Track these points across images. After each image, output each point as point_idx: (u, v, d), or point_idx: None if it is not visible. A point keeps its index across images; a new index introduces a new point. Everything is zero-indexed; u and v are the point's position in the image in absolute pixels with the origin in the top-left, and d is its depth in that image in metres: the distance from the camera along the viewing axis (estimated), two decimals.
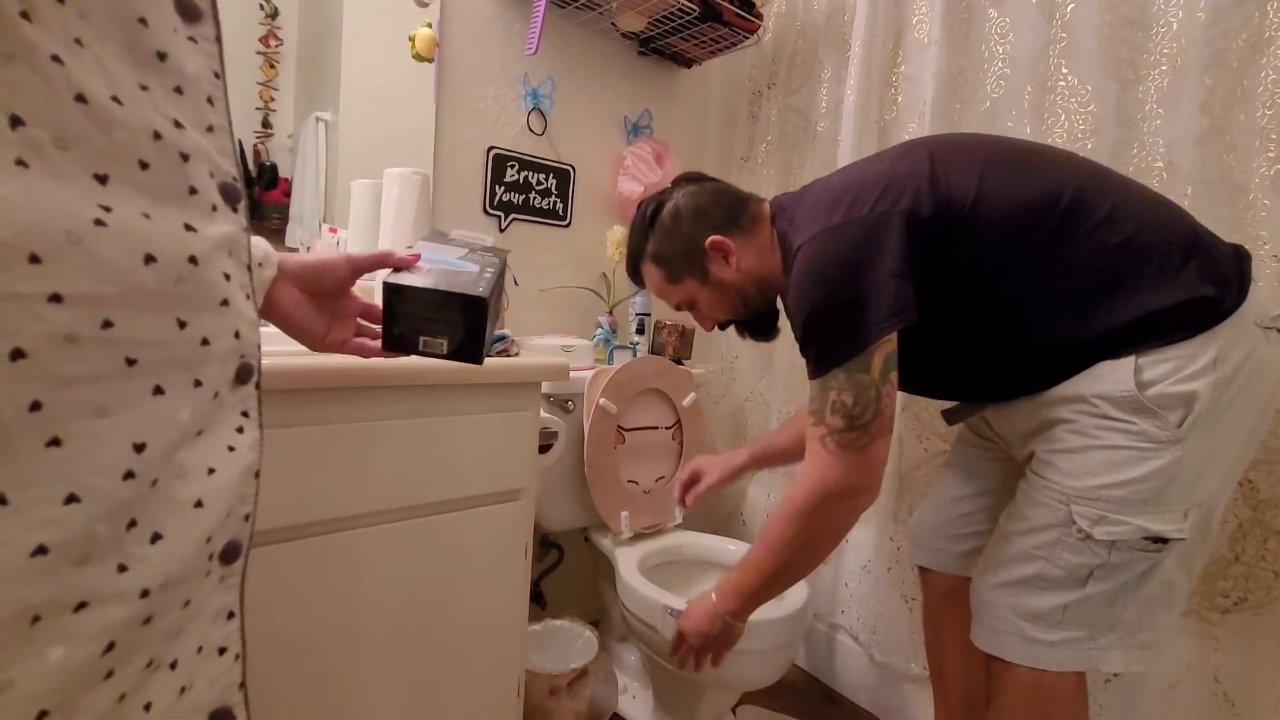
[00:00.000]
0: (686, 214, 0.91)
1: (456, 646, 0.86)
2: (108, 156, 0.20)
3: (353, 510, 0.75)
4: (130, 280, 0.20)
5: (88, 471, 0.19)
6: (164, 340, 0.21)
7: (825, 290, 0.73)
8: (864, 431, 0.72)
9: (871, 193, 0.75)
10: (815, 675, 1.53)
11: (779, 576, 0.83)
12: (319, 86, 1.16)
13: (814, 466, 0.76)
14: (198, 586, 0.23)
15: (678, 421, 1.43)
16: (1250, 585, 0.93)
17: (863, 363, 0.71)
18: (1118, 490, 0.69)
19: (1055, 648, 0.73)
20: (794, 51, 1.61)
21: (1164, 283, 0.69)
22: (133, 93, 0.21)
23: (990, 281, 0.75)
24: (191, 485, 0.22)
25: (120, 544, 0.20)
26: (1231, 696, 0.93)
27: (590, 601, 1.57)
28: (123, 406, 0.20)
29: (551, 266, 1.51)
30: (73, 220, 0.18)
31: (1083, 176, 0.74)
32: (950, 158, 0.77)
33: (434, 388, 0.80)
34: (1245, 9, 0.92)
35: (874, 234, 0.72)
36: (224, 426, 0.24)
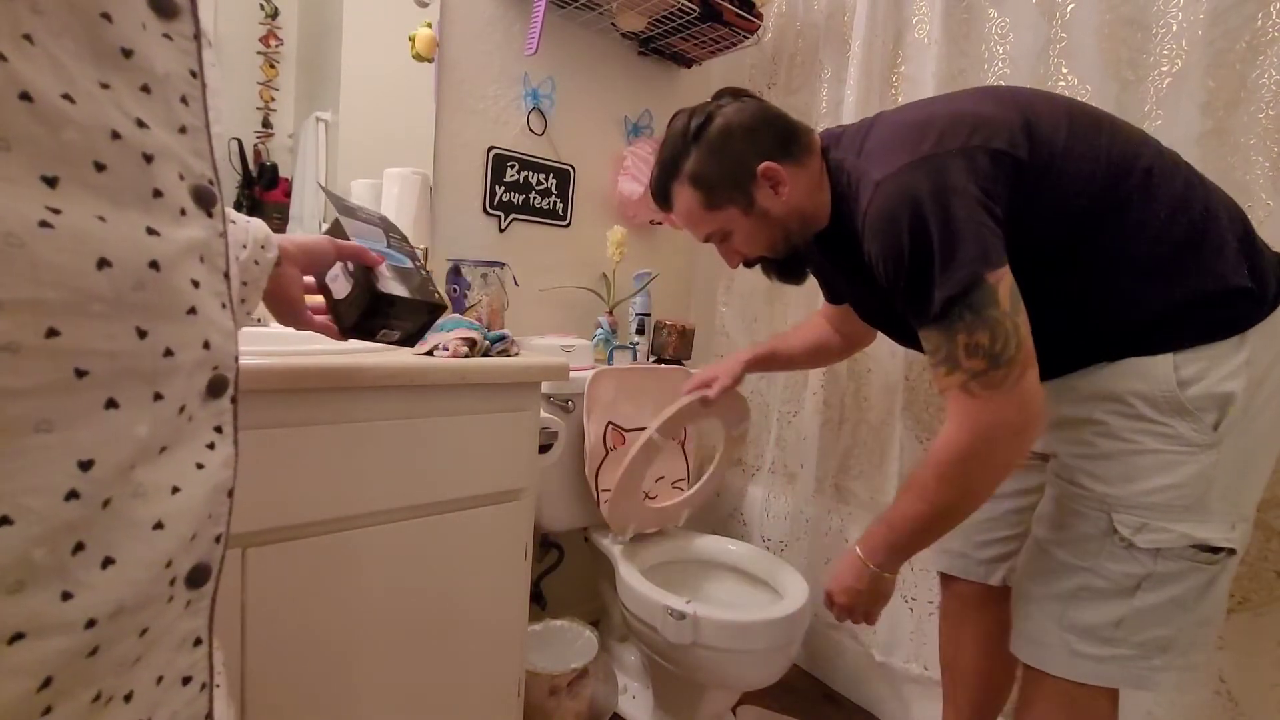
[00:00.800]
0: (739, 133, 0.80)
1: (456, 646, 0.86)
2: (56, 157, 0.19)
3: (353, 510, 0.75)
4: (80, 285, 0.19)
5: (23, 491, 0.18)
6: (119, 350, 0.20)
7: (927, 225, 0.65)
8: (1011, 366, 0.65)
9: (961, 128, 0.68)
10: (815, 675, 1.53)
11: (934, 526, 0.75)
12: (319, 86, 1.16)
13: (962, 418, 0.68)
14: (158, 613, 0.22)
15: None
16: (1253, 585, 0.93)
17: (989, 297, 0.64)
18: (1158, 496, 0.67)
19: (1103, 663, 0.70)
20: (794, 51, 1.61)
21: (1220, 265, 0.66)
22: (89, 90, 0.20)
23: (1069, 235, 0.69)
24: (151, 505, 0.21)
25: (64, 569, 0.19)
26: (1235, 696, 0.93)
27: (590, 601, 1.56)
28: (68, 421, 0.19)
29: (551, 266, 1.51)
30: (13, 222, 0.17)
31: (1156, 147, 0.71)
32: (1035, 104, 0.72)
33: (434, 388, 0.80)
34: (1246, 9, 0.92)
35: (972, 166, 0.66)
36: (192, 443, 0.23)
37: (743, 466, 1.74)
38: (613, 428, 1.31)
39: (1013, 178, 0.67)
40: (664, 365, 1.46)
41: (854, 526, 1.45)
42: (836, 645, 1.48)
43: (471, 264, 1.18)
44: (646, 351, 1.53)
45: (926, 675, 1.29)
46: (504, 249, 1.42)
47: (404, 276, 0.63)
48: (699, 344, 1.62)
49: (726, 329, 1.76)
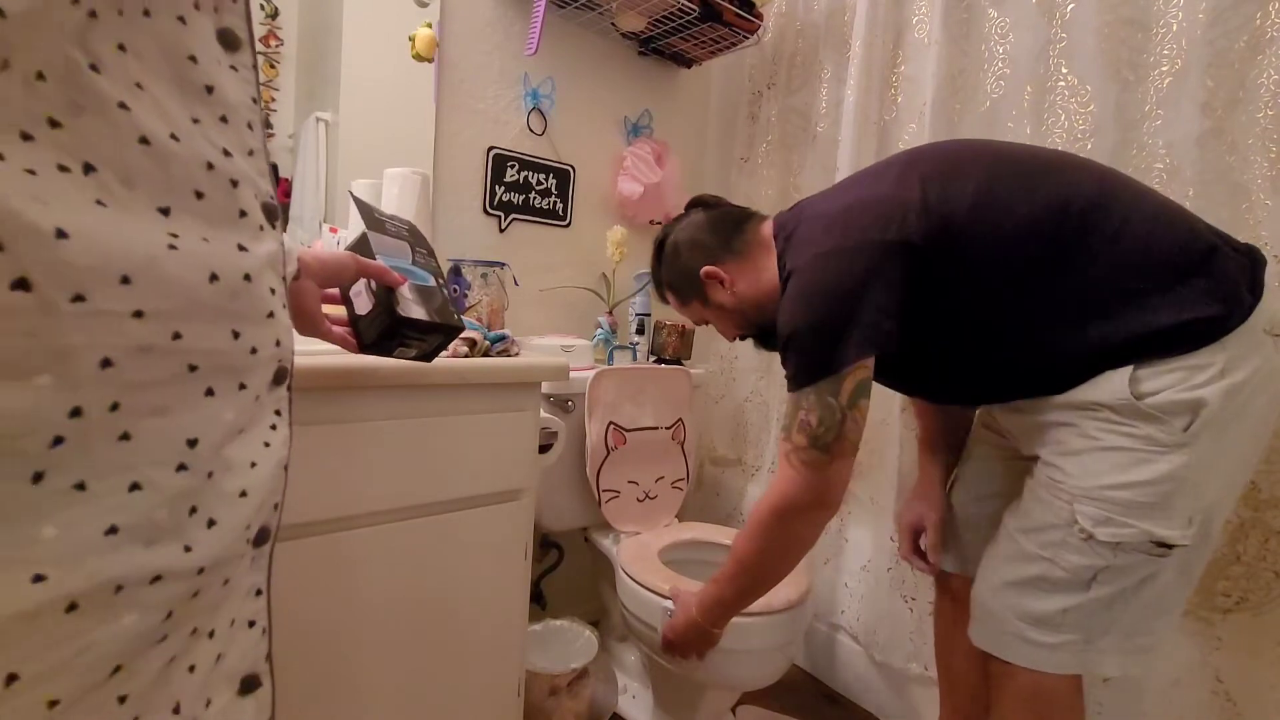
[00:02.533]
0: (684, 246, 0.98)
1: (456, 646, 0.86)
2: (167, 189, 0.22)
3: (352, 510, 0.75)
4: (195, 297, 0.22)
5: (146, 464, 0.21)
6: (219, 349, 0.24)
7: (808, 314, 0.77)
8: (824, 451, 0.75)
9: (863, 219, 0.77)
10: (815, 675, 1.53)
11: (749, 587, 0.89)
12: (319, 86, 1.16)
13: (779, 481, 0.80)
14: (236, 567, 0.26)
15: (678, 421, 1.43)
16: (1251, 585, 0.93)
17: (833, 387, 0.74)
18: (1123, 492, 0.68)
19: (1055, 650, 0.72)
20: (794, 51, 1.61)
21: (1167, 303, 0.68)
22: (187, 127, 0.23)
23: (990, 296, 0.76)
24: (237, 478, 0.25)
25: (182, 528, 0.23)
26: (1233, 696, 0.93)
27: (590, 601, 1.57)
28: (179, 408, 0.22)
29: (551, 267, 1.51)
30: (150, 247, 0.21)
31: (1092, 189, 0.73)
32: (948, 174, 0.77)
33: (434, 388, 0.80)
34: (1245, 9, 0.92)
35: (860, 263, 0.74)
36: (261, 424, 0.26)
37: (743, 466, 1.74)
38: (614, 428, 1.31)
39: (910, 259, 0.74)
40: (664, 365, 1.46)
41: (853, 526, 1.45)
42: (836, 645, 1.48)
43: (471, 264, 1.18)
44: (646, 351, 1.53)
45: (926, 675, 1.29)
46: (504, 249, 1.42)
47: (425, 296, 0.64)
48: (699, 344, 1.62)
49: None
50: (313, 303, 0.59)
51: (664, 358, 1.51)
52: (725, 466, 1.78)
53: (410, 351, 0.66)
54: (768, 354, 1.65)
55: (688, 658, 0.99)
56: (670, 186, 1.57)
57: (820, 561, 1.49)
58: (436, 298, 0.66)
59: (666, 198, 1.57)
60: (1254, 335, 0.67)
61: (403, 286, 0.62)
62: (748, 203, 1.69)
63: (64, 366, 0.19)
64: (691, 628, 0.95)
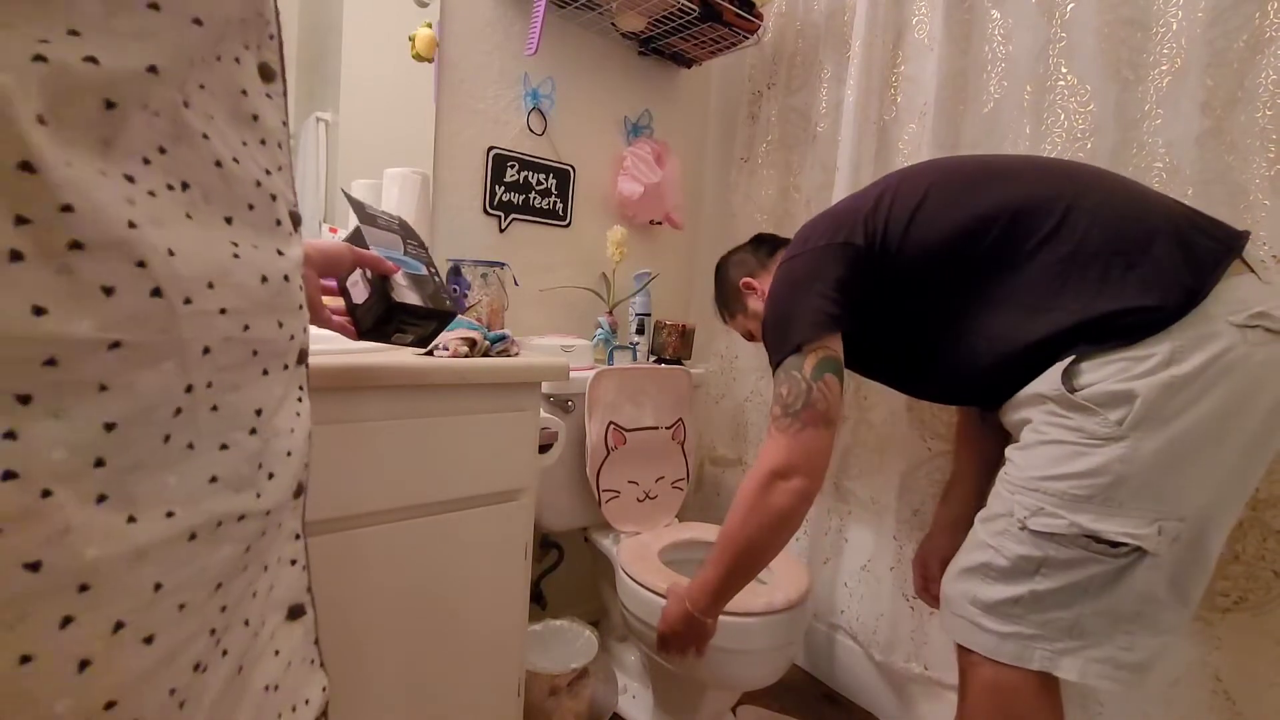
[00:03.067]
0: (731, 266, 1.18)
1: (456, 646, 0.86)
2: (231, 204, 0.27)
3: (352, 510, 0.75)
4: (254, 296, 0.28)
5: (230, 429, 0.27)
6: (271, 338, 0.29)
7: (773, 308, 0.91)
8: (795, 418, 0.83)
9: (821, 228, 0.91)
10: (815, 675, 1.53)
11: (736, 568, 0.89)
12: (319, 86, 1.16)
13: (760, 452, 0.87)
14: (284, 514, 0.31)
15: (678, 421, 1.43)
16: (1250, 584, 0.93)
17: (797, 363, 0.85)
18: (1057, 483, 0.69)
19: (1004, 640, 0.73)
20: (794, 51, 1.61)
21: (1102, 293, 0.70)
22: (241, 151, 0.28)
23: (934, 299, 0.83)
24: (284, 440, 0.31)
25: (256, 480, 0.29)
26: (1232, 695, 0.93)
27: (590, 601, 1.57)
28: (247, 385, 0.28)
29: (551, 266, 1.51)
30: (223, 256, 0.26)
31: (1036, 190, 0.77)
32: (900, 191, 0.87)
33: (434, 388, 0.80)
34: (1245, 9, 0.92)
35: (813, 264, 0.88)
36: (293, 397, 0.32)
37: (743, 466, 1.74)
38: (614, 428, 1.31)
39: (854, 257, 0.86)
40: (664, 365, 1.46)
41: (853, 526, 1.45)
42: (836, 645, 1.48)
43: (471, 264, 1.18)
44: (646, 351, 1.53)
45: (926, 675, 1.29)
46: (504, 249, 1.42)
47: (418, 284, 0.69)
48: (699, 344, 1.62)
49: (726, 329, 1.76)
50: (313, 290, 0.62)
51: (664, 358, 1.52)
52: (725, 466, 1.78)
53: (407, 337, 0.70)
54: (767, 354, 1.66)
55: (685, 653, 0.99)
56: (670, 186, 1.57)
57: (820, 561, 1.49)
58: (429, 285, 0.70)
59: (666, 198, 1.57)
60: (1210, 325, 0.65)
61: (396, 274, 0.66)
62: (747, 202, 1.69)
63: (182, 354, 0.24)
64: (683, 618, 0.95)
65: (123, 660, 0.23)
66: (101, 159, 0.21)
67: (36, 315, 0.19)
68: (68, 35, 0.19)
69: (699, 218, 1.82)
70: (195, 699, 0.26)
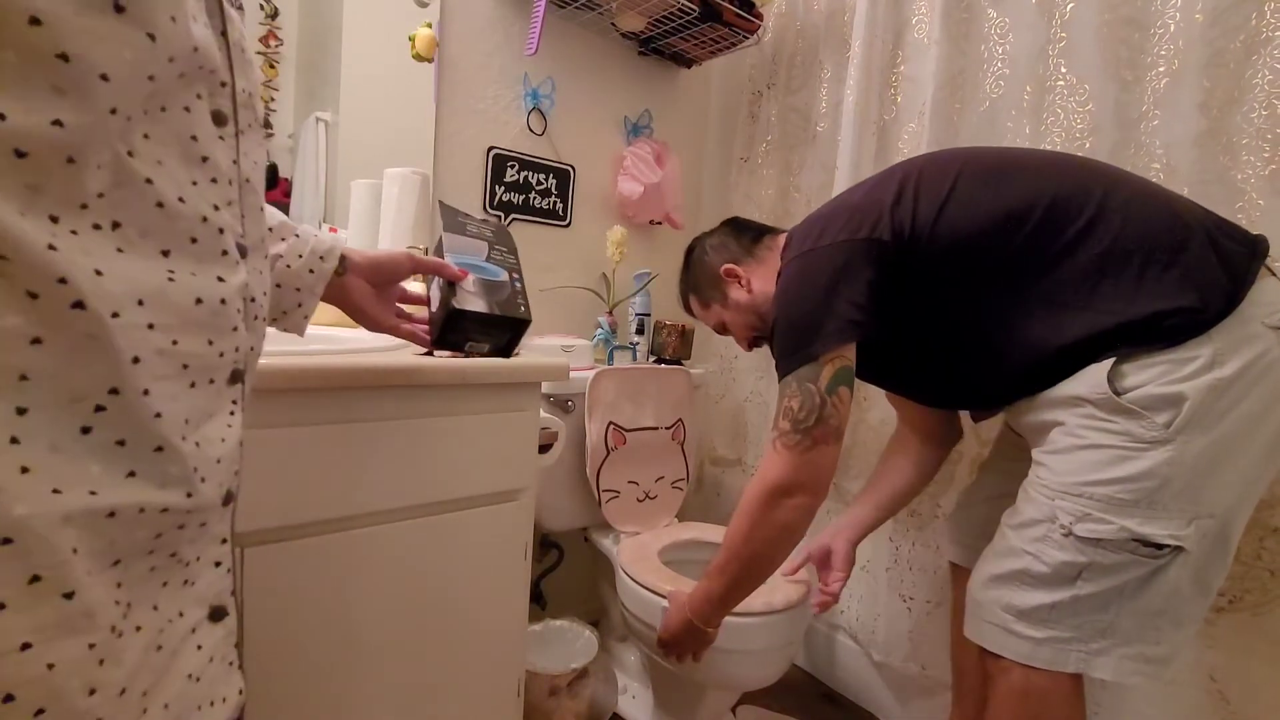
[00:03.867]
0: (710, 249, 1.07)
1: (456, 646, 0.87)
2: (171, 237, 0.30)
3: (352, 510, 0.75)
4: (186, 316, 0.31)
5: (168, 435, 0.30)
6: (200, 354, 0.32)
7: (786, 309, 0.83)
8: (806, 435, 0.78)
9: (839, 221, 0.83)
10: (815, 675, 1.53)
11: (739, 580, 0.88)
12: (319, 86, 1.16)
13: (763, 466, 0.82)
14: (213, 515, 0.34)
15: (678, 421, 1.43)
16: (1246, 584, 0.93)
17: (813, 374, 0.78)
18: (1102, 488, 0.68)
19: (1039, 645, 0.72)
20: (794, 51, 1.62)
21: (1142, 294, 0.69)
22: (190, 190, 0.31)
23: (965, 293, 0.79)
24: (214, 449, 0.33)
25: (190, 479, 0.31)
26: (1227, 695, 0.94)
27: (590, 601, 1.57)
28: (180, 395, 0.31)
29: (551, 266, 1.51)
30: (156, 280, 0.29)
31: (1066, 183, 0.75)
32: (924, 179, 0.82)
33: (434, 388, 0.80)
34: (1243, 10, 0.92)
35: (835, 262, 0.80)
36: (223, 412, 0.34)
37: (743, 466, 1.74)
38: (614, 428, 1.31)
39: (879, 255, 0.79)
40: (664, 365, 1.46)
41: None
42: (836, 645, 1.48)
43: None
44: (646, 351, 1.53)
45: (925, 675, 1.30)
46: None
47: (490, 291, 0.66)
48: (699, 344, 1.63)
49: None
50: (360, 299, 0.66)
51: (664, 358, 1.52)
52: (725, 466, 1.78)
53: (482, 346, 0.68)
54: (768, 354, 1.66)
55: (683, 659, 0.98)
56: (670, 186, 1.57)
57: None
58: (504, 291, 0.68)
59: (666, 197, 1.57)
60: (1247, 327, 0.66)
61: (465, 281, 0.64)
62: (747, 202, 1.69)
63: (112, 360, 0.27)
64: (685, 627, 0.95)
65: (40, 609, 0.25)
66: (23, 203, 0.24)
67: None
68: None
69: (699, 218, 1.82)
70: (114, 658, 0.28)
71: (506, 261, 0.71)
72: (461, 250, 0.67)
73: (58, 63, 0.24)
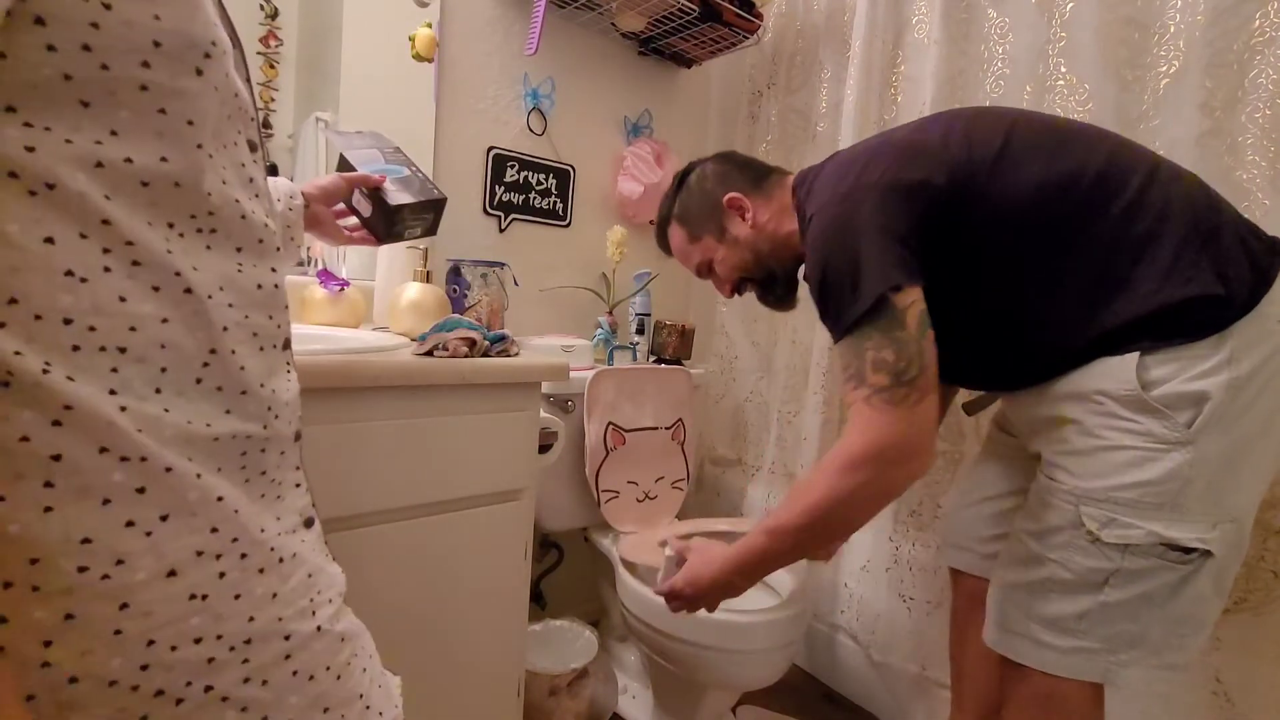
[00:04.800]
0: (711, 175, 0.97)
1: (456, 646, 0.86)
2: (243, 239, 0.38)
3: (352, 510, 0.75)
4: (252, 297, 0.39)
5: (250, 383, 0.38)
6: (264, 326, 0.40)
7: (843, 251, 0.72)
8: (911, 388, 0.68)
9: (884, 160, 0.74)
10: (815, 675, 1.53)
11: (808, 546, 0.78)
12: (319, 86, 1.16)
13: (860, 429, 0.71)
14: (285, 445, 0.41)
15: (678, 421, 1.43)
16: (1250, 585, 0.93)
17: (896, 320, 0.69)
18: (1128, 492, 0.66)
19: (1067, 655, 0.70)
20: (794, 51, 1.62)
21: (1176, 275, 0.66)
22: (250, 203, 0.39)
23: (1003, 258, 0.73)
24: (283, 395, 0.41)
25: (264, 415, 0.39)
26: (1232, 696, 0.93)
27: (590, 601, 1.57)
28: (253, 355, 0.38)
29: (551, 266, 1.51)
30: (230, 270, 0.37)
31: (1114, 157, 0.71)
32: (974, 128, 0.75)
33: (434, 388, 0.80)
34: (1245, 9, 0.92)
35: (884, 199, 0.71)
36: (282, 369, 0.42)
37: (743, 466, 1.74)
38: (613, 428, 1.31)
39: (929, 204, 0.72)
40: (664, 365, 1.46)
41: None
42: (836, 645, 1.48)
43: (471, 264, 1.18)
44: (646, 351, 1.53)
45: (925, 675, 1.30)
46: (504, 249, 1.42)
47: (405, 184, 0.79)
48: (699, 344, 1.62)
49: (726, 329, 1.76)
50: (327, 218, 0.79)
51: (664, 358, 1.52)
52: (725, 466, 1.78)
53: (416, 230, 0.81)
54: (767, 355, 1.66)
55: (696, 611, 0.88)
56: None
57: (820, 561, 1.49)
58: (414, 183, 0.80)
59: None
60: (1263, 324, 0.65)
61: (385, 183, 0.78)
62: None
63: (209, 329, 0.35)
64: (721, 581, 0.83)
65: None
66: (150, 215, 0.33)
67: (121, 302, 0.31)
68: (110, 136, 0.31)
69: None
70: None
71: (399, 159, 0.83)
72: (364, 162, 0.79)
73: (159, 116, 0.32)
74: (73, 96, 0.29)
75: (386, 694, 0.45)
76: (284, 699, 0.36)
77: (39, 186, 0.29)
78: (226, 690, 0.34)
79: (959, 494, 1.04)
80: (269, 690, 0.35)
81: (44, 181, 0.29)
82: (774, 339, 1.66)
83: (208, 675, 0.33)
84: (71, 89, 0.29)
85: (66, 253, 0.30)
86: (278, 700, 0.36)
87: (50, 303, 0.29)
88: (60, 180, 0.29)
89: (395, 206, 0.76)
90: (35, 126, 0.29)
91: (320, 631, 0.39)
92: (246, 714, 0.35)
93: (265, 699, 0.35)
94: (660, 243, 1.05)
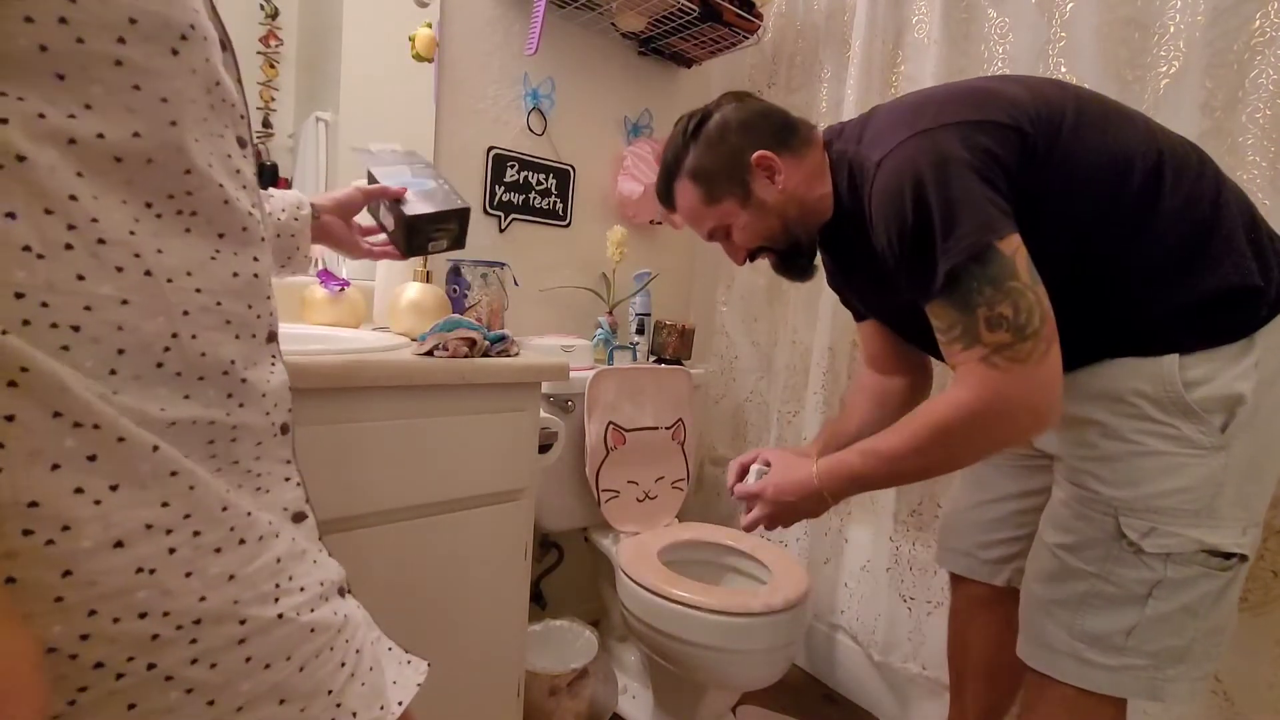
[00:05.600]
0: (735, 126, 0.81)
1: (456, 646, 0.87)
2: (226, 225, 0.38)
3: (353, 510, 0.75)
4: (226, 285, 0.38)
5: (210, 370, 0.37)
6: (243, 315, 0.39)
7: (926, 195, 0.63)
8: (1037, 340, 0.61)
9: (965, 103, 0.67)
10: (815, 675, 1.53)
11: (906, 475, 0.74)
12: (319, 86, 1.16)
13: (980, 385, 0.64)
14: (264, 437, 0.41)
15: (678, 421, 1.43)
16: (1249, 585, 0.93)
17: (1007, 268, 0.61)
18: (1166, 500, 0.64)
19: (1116, 673, 0.68)
20: (794, 51, 1.62)
21: (1227, 263, 0.64)
22: (236, 193, 0.39)
23: (1065, 234, 0.67)
24: (260, 386, 0.40)
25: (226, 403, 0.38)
26: (1231, 695, 0.93)
27: (590, 601, 1.57)
28: (225, 342, 0.38)
29: (551, 266, 1.51)
30: (203, 256, 0.37)
31: (1170, 143, 0.69)
32: (1043, 87, 0.70)
33: (434, 388, 0.80)
34: (1245, 9, 0.92)
35: (970, 140, 0.64)
36: (265, 362, 0.42)
37: None
38: (613, 428, 1.31)
39: (1018, 149, 0.65)
40: (664, 365, 1.46)
41: (853, 526, 1.45)
42: (836, 645, 1.48)
43: (471, 264, 1.18)
44: (646, 351, 1.53)
45: (925, 675, 1.30)
46: (504, 249, 1.42)
47: (428, 196, 0.79)
48: (699, 344, 1.62)
49: (726, 329, 1.76)
50: (339, 232, 0.79)
51: (664, 358, 1.52)
52: (725, 466, 1.78)
53: (442, 243, 0.81)
54: (767, 355, 1.66)
55: (772, 527, 0.83)
56: None
57: (820, 561, 1.49)
58: (438, 194, 0.80)
59: None
60: None
61: (405, 195, 0.78)
62: None
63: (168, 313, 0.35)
64: (805, 492, 0.78)
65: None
66: (124, 194, 0.33)
67: (79, 280, 0.31)
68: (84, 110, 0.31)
69: None
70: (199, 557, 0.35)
71: (426, 172, 0.82)
72: (388, 177, 0.79)
73: (132, 92, 0.32)
74: (48, 68, 0.29)
75: (372, 693, 0.43)
76: (234, 684, 0.35)
77: (8, 160, 0.29)
78: (171, 669, 0.32)
79: (956, 497, 1.03)
80: (217, 674, 0.34)
81: (14, 154, 0.29)
82: (774, 339, 1.66)
83: (151, 652, 0.32)
84: (47, 60, 0.29)
85: (27, 228, 0.29)
86: (227, 685, 0.34)
87: (4, 276, 0.29)
88: (30, 154, 0.29)
89: (412, 217, 0.76)
90: (9, 96, 0.29)
91: (281, 619, 0.37)
92: (191, 695, 0.33)
93: (213, 682, 0.34)
94: (663, 198, 0.89)
